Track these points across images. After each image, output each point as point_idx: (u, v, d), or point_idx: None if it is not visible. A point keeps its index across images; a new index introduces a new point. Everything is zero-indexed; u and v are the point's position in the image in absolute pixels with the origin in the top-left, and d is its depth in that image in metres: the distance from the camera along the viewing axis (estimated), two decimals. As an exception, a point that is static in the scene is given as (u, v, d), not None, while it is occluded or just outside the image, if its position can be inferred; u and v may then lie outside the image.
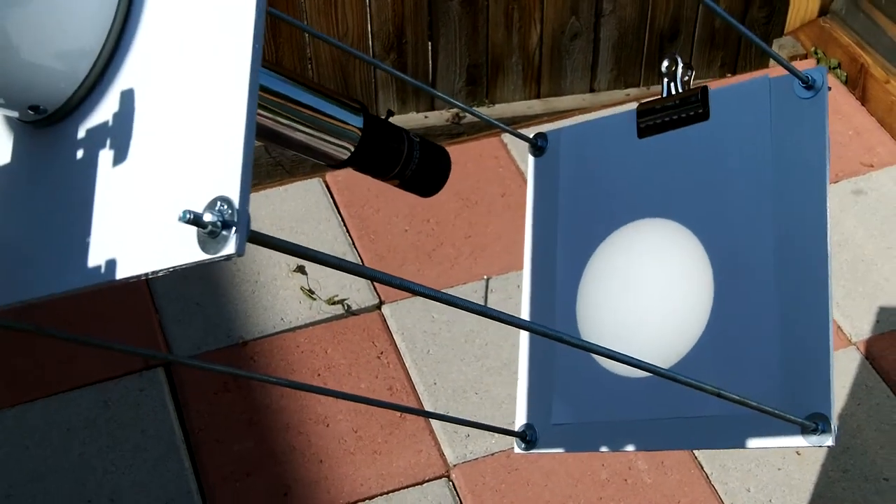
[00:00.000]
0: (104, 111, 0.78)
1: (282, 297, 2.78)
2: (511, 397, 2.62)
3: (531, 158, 1.46)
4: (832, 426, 1.11)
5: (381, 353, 2.67)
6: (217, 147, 0.70)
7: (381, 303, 2.78)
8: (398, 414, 2.54)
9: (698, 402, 1.20)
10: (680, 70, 1.32)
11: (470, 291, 2.80)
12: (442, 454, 2.47)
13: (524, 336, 1.41)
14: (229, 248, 0.67)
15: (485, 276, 2.84)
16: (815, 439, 1.12)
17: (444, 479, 2.44)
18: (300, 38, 3.19)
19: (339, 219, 2.99)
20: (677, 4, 3.38)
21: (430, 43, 3.31)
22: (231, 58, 0.71)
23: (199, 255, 0.68)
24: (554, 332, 0.92)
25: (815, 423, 1.12)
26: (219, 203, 0.68)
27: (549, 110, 3.46)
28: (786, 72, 1.22)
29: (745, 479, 2.40)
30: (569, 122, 3.19)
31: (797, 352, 1.16)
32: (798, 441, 1.13)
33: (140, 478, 2.42)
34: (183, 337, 2.69)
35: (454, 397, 2.58)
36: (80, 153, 0.79)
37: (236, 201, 0.67)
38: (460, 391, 2.59)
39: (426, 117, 3.41)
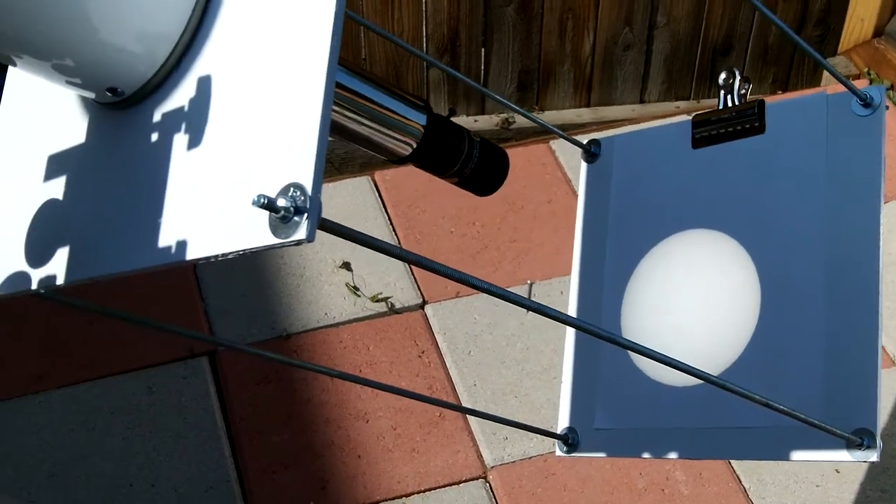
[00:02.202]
0: (181, 96, 0.80)
1: (326, 293, 2.81)
2: (550, 402, 2.63)
3: (583, 165, 1.47)
4: (877, 442, 1.12)
5: (423, 352, 2.69)
6: (292, 135, 0.71)
7: (425, 303, 2.80)
8: (437, 413, 2.56)
9: (741, 413, 1.21)
10: (737, 83, 1.33)
11: (513, 296, 2.80)
12: (479, 455, 2.49)
13: (570, 340, 1.42)
14: (300, 233, 0.68)
15: (528, 281, 2.85)
16: (859, 454, 1.12)
17: (480, 480, 2.45)
18: (356, 38, 3.22)
19: (386, 217, 3.01)
20: (731, 19, 3.38)
21: (483, 48, 3.32)
22: (309, 48, 0.73)
23: (270, 239, 0.70)
24: (606, 332, 0.93)
25: (860, 438, 1.12)
26: (292, 189, 0.69)
27: (598, 119, 3.46)
28: (842, 89, 1.23)
29: (783, 494, 2.40)
30: (618, 131, 3.20)
31: (843, 367, 1.16)
32: (842, 455, 1.13)
33: (180, 465, 2.45)
34: (227, 328, 2.72)
35: (493, 399, 2.59)
36: (154, 136, 0.81)
37: (309, 188, 0.69)
38: (500, 394, 2.60)
39: (476, 121, 3.42)
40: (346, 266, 2.85)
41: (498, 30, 3.27)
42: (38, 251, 0.86)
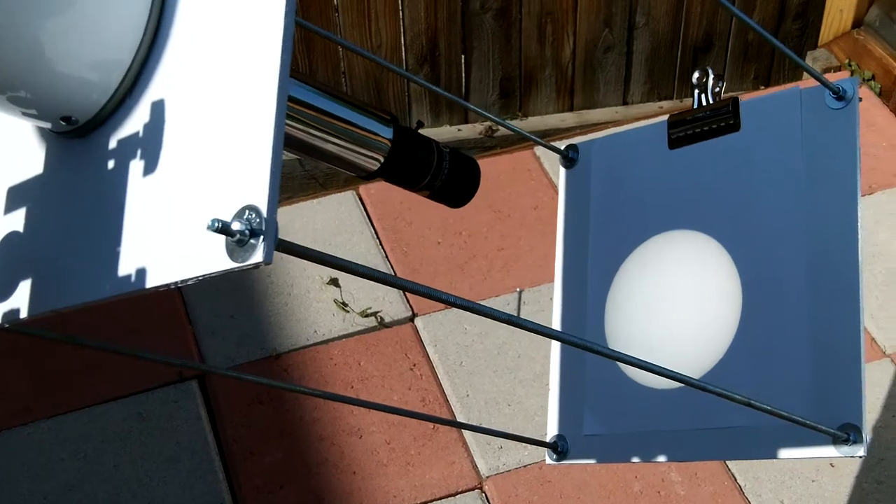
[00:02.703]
0: (135, 122, 0.79)
1: (315, 310, 2.79)
2: (543, 409, 2.61)
3: (562, 170, 1.47)
4: (864, 436, 1.11)
5: (414, 365, 2.67)
6: (245, 156, 0.70)
7: (414, 315, 2.78)
8: (431, 426, 2.55)
9: (728, 413, 1.20)
10: (711, 81, 1.32)
11: (503, 303, 2.80)
12: (475, 466, 2.47)
13: (556, 347, 1.41)
14: (257, 256, 0.67)
15: (517, 289, 2.84)
16: (846, 450, 1.12)
17: (476, 490, 2.44)
18: (334, 52, 3.21)
19: (373, 231, 3.00)
20: (711, 17, 3.38)
21: (463, 56, 3.32)
22: (260, 67, 0.72)
23: (227, 264, 0.69)
24: (585, 342, 0.93)
25: (846, 433, 1.11)
26: (247, 212, 0.68)
27: (581, 123, 3.46)
28: (817, 83, 1.22)
29: (779, 490, 2.39)
30: (601, 134, 3.19)
31: (828, 363, 1.15)
32: (829, 451, 1.13)
33: (174, 489, 2.43)
34: (217, 349, 2.70)
35: (486, 409, 2.58)
36: (111, 164, 0.80)
37: (264, 210, 0.68)
38: (493, 403, 2.59)
39: (459, 130, 3.41)
40: (334, 282, 2.84)
41: (477, 38, 3.26)
42: (0, 285, 0.85)
